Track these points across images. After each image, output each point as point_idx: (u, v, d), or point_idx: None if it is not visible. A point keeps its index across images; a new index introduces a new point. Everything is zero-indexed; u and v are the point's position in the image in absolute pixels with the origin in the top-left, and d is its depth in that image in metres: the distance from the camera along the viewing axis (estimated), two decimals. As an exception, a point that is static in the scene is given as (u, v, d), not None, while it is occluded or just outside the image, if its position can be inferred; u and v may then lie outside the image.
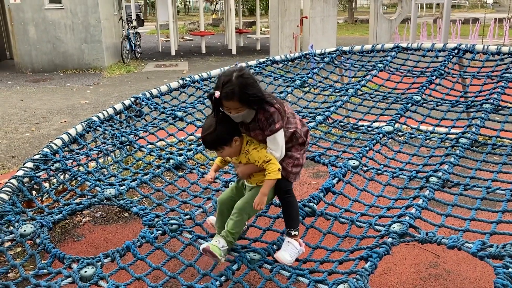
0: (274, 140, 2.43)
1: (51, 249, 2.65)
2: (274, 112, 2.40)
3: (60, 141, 3.92)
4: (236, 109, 2.33)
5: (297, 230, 2.59)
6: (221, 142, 2.40)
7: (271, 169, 2.40)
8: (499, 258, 2.29)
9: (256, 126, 2.44)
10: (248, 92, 2.30)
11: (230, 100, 2.29)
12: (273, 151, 2.44)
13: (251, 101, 2.32)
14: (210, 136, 2.39)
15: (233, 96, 2.28)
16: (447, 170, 3.30)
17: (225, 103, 2.31)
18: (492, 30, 16.60)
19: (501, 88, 4.37)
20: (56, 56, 13.00)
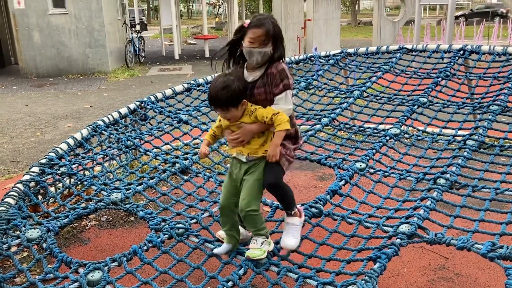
0: (286, 97, 2.43)
1: (57, 253, 2.64)
2: (285, 68, 2.44)
3: (66, 146, 3.92)
4: (262, 41, 2.35)
5: (295, 207, 2.61)
6: (231, 103, 2.35)
7: (281, 119, 2.36)
8: (509, 259, 2.26)
9: (263, 82, 2.43)
10: (278, 32, 2.37)
11: (260, 27, 2.34)
12: (284, 105, 2.42)
13: (277, 38, 2.37)
14: (222, 94, 2.32)
15: (264, 23, 2.34)
16: (455, 172, 3.28)
17: (254, 31, 2.35)
18: (497, 31, 16.56)
19: (508, 89, 4.34)
20: (60, 61, 13.05)
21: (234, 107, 2.36)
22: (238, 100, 2.36)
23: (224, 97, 2.33)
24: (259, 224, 2.48)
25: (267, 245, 2.52)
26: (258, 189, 2.46)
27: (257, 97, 2.44)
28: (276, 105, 2.43)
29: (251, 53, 2.39)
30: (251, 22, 2.37)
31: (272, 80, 2.41)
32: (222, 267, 2.59)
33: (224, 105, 2.35)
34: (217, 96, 2.34)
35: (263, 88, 2.43)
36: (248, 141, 2.45)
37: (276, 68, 2.40)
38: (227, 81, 2.34)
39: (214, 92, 2.35)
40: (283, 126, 2.37)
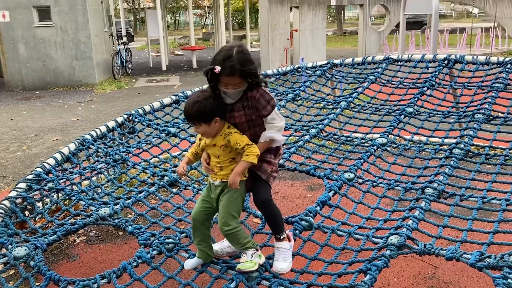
0: (277, 115, 2.48)
1: (45, 271, 2.61)
2: (266, 90, 2.47)
3: (53, 160, 3.89)
4: (235, 84, 2.35)
5: (283, 232, 2.62)
6: (201, 118, 2.35)
7: (252, 151, 2.39)
8: (497, 268, 2.29)
9: (242, 105, 2.44)
10: (249, 67, 2.33)
11: (231, 75, 2.31)
12: (279, 123, 2.47)
13: (251, 76, 2.35)
14: (192, 108, 2.35)
15: (234, 71, 2.29)
16: (442, 181, 3.31)
17: (225, 78, 2.32)
18: (479, 40, 16.85)
19: (492, 98, 4.41)
20: (46, 73, 12.96)
21: (205, 123, 2.37)
22: (209, 116, 2.35)
23: (195, 112, 2.35)
24: (243, 239, 2.49)
25: (257, 257, 2.52)
26: (235, 206, 2.47)
27: (237, 119, 2.45)
28: (272, 124, 2.46)
29: (226, 94, 2.41)
30: (222, 70, 2.30)
31: (254, 104, 2.42)
32: (213, 282, 2.58)
33: (195, 119, 2.37)
34: (188, 110, 2.38)
35: (243, 111, 2.44)
36: (221, 167, 2.46)
37: (257, 91, 2.42)
38: (200, 97, 2.37)
39: (186, 106, 2.40)
40: (251, 158, 2.39)
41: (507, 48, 17.08)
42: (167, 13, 38.58)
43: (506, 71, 4.71)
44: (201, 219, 2.56)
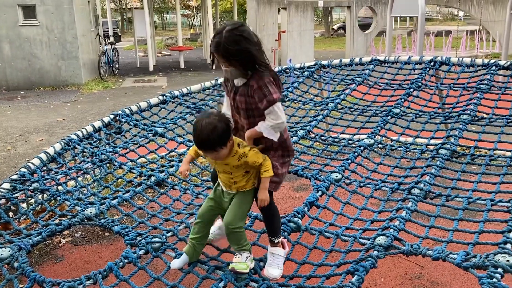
0: (274, 111, 2.32)
1: (30, 273, 2.56)
2: (270, 82, 2.31)
3: (38, 161, 3.84)
4: (223, 63, 2.30)
5: (279, 237, 2.62)
6: (221, 142, 2.25)
7: (268, 166, 2.40)
8: (483, 268, 2.31)
9: (244, 91, 2.35)
10: (230, 48, 2.22)
11: (216, 52, 2.27)
12: (273, 120, 2.34)
13: (232, 58, 2.25)
14: (212, 134, 2.21)
15: (217, 49, 2.25)
16: (429, 181, 3.34)
17: (215, 54, 2.29)
18: (465, 42, 17.07)
19: (477, 99, 4.46)
20: (32, 73, 12.80)
21: (224, 145, 2.28)
22: (227, 137, 2.28)
23: (215, 138, 2.23)
24: (243, 241, 2.49)
25: (250, 261, 2.53)
26: (245, 208, 2.48)
27: (239, 104, 2.40)
28: (268, 119, 2.36)
29: (225, 72, 2.38)
30: (210, 46, 2.30)
31: (252, 94, 2.33)
32: (200, 282, 2.56)
33: (214, 147, 2.25)
34: (208, 138, 2.23)
35: (244, 97, 2.37)
36: (234, 182, 2.44)
37: (257, 82, 2.30)
38: (212, 122, 2.23)
39: (203, 136, 2.24)
40: (270, 173, 2.41)
41: (492, 51, 17.32)
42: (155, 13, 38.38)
43: (491, 73, 4.77)
44: (208, 219, 2.56)
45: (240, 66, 2.29)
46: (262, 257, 2.68)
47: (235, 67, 2.30)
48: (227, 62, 2.28)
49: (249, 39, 2.25)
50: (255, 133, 2.43)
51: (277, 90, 2.34)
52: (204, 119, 2.26)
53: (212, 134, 2.22)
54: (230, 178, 2.44)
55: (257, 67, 2.31)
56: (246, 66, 2.30)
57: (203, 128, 2.23)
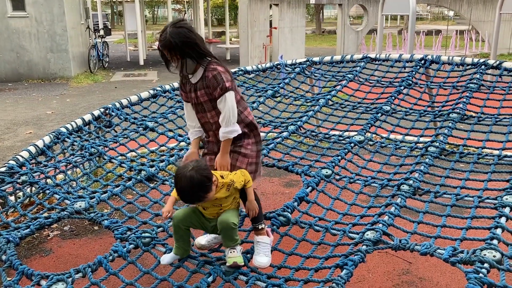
0: (225, 99, 2.48)
1: (18, 265, 2.55)
2: (223, 71, 2.50)
3: (27, 153, 3.80)
4: (172, 58, 2.45)
5: (262, 223, 2.66)
6: (207, 191, 2.29)
7: (249, 177, 2.48)
8: (469, 263, 2.34)
9: (202, 85, 2.51)
10: (177, 41, 2.39)
11: (166, 49, 2.42)
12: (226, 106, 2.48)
13: (181, 50, 2.41)
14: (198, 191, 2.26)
15: (166, 45, 2.41)
16: (418, 178, 3.37)
17: (166, 53, 2.44)
18: (454, 42, 17.19)
19: (466, 98, 4.51)
20: (20, 65, 12.65)
21: (209, 192, 2.31)
22: (210, 185, 2.30)
23: (199, 193, 2.28)
24: (236, 236, 2.51)
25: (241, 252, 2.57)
26: (237, 215, 2.51)
27: (201, 98, 2.55)
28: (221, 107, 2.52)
29: (177, 67, 2.52)
30: (159, 43, 2.45)
31: (208, 84, 2.50)
32: (189, 276, 2.57)
33: (200, 199, 2.31)
34: (193, 195, 2.28)
35: (204, 90, 2.54)
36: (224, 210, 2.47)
37: (211, 72, 2.49)
38: (192, 176, 2.23)
39: (187, 193, 2.28)
40: (251, 182, 2.50)
41: (481, 51, 17.47)
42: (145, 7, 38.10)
43: (480, 72, 4.82)
44: (185, 226, 2.54)
45: (190, 57, 2.46)
46: (248, 249, 2.69)
47: (186, 59, 2.46)
48: (178, 55, 2.44)
49: (191, 30, 2.46)
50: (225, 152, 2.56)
51: (230, 79, 2.51)
52: (183, 176, 2.25)
53: (194, 188, 2.26)
54: (219, 209, 2.47)
55: (205, 56, 2.50)
56: (195, 55, 2.47)
57: (185, 185, 2.25)
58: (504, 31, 15.47)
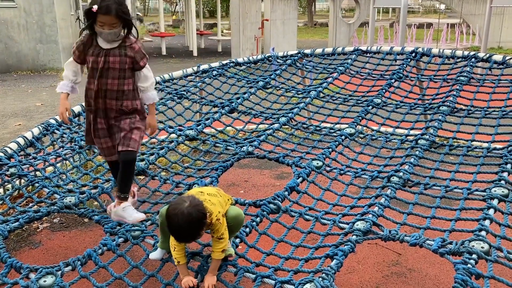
0: (148, 73, 2.82)
1: (6, 258, 2.53)
2: (141, 46, 2.77)
3: (16, 145, 3.76)
4: (111, 24, 2.57)
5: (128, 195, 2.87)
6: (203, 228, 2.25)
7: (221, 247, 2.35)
8: (458, 254, 2.37)
9: (119, 52, 2.67)
10: (124, 9, 2.57)
11: (108, 14, 2.53)
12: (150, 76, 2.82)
13: (125, 17, 2.59)
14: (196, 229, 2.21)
15: (111, 10, 2.52)
16: (408, 170, 3.39)
17: (102, 17, 2.54)
18: (445, 35, 17.25)
19: (456, 91, 4.53)
20: (9, 56, 12.50)
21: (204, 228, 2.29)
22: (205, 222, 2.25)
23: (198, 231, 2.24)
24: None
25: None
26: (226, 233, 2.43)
27: (111, 64, 2.67)
28: (146, 77, 2.82)
29: (102, 34, 2.62)
30: (99, 9, 2.52)
31: (133, 54, 2.70)
32: (178, 273, 2.54)
33: (199, 235, 2.28)
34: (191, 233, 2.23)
35: (119, 57, 2.68)
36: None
37: (137, 44, 2.72)
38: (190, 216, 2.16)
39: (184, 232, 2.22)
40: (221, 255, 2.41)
41: (471, 44, 17.55)
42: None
43: (470, 65, 4.84)
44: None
45: (128, 26, 2.66)
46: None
47: (120, 28, 2.63)
48: (118, 22, 2.59)
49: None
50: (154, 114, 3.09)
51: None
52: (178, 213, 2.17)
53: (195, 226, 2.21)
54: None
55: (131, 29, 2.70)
56: (129, 27, 2.66)
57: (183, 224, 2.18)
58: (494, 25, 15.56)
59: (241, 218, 2.53)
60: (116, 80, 2.71)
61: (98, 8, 2.52)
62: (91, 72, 2.75)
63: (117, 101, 2.76)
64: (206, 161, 3.99)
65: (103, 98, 2.75)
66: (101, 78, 2.71)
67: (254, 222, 2.87)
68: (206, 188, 2.58)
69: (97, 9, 2.51)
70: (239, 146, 4.01)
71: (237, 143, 4.12)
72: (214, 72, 5.41)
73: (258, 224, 2.89)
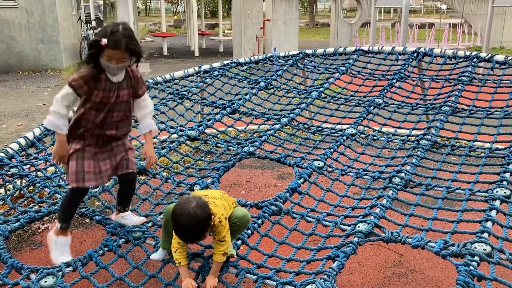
0: (147, 100, 2.76)
1: (7, 259, 2.53)
2: (142, 73, 2.73)
3: (17, 145, 3.76)
4: (120, 58, 2.44)
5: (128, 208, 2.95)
6: (208, 229, 2.27)
7: (222, 250, 2.37)
8: (460, 256, 2.36)
9: (127, 84, 2.60)
10: (134, 42, 2.46)
11: (117, 48, 2.40)
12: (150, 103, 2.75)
13: (135, 51, 2.48)
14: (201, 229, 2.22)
15: (120, 44, 2.39)
16: (409, 171, 3.37)
17: (111, 51, 2.40)
18: (447, 35, 17.22)
19: (458, 91, 4.51)
20: (10, 56, 12.51)
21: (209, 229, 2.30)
22: (211, 221, 2.27)
23: (203, 232, 2.25)
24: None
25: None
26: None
27: (121, 98, 2.59)
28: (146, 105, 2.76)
29: (109, 68, 2.48)
30: (108, 43, 2.37)
31: (135, 83, 2.65)
32: (179, 274, 2.54)
33: (204, 236, 2.29)
34: (196, 234, 2.25)
35: (127, 90, 2.62)
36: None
37: (137, 72, 2.66)
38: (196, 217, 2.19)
39: (190, 232, 2.23)
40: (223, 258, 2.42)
41: (473, 44, 17.52)
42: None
43: (472, 65, 4.82)
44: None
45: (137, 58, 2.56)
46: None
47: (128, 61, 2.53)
48: (126, 57, 2.46)
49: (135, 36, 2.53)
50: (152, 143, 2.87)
51: None
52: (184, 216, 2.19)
53: (201, 226, 2.22)
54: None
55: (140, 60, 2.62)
56: (137, 58, 2.57)
57: (189, 225, 2.20)
58: (496, 25, 15.53)
59: (246, 218, 2.53)
60: (121, 112, 2.63)
61: (108, 42, 2.37)
62: (96, 105, 2.55)
63: (117, 130, 2.68)
64: (208, 161, 3.98)
65: (103, 129, 2.62)
66: (110, 111, 2.59)
67: (255, 224, 2.87)
68: (211, 191, 2.58)
69: (106, 43, 2.36)
70: (240, 147, 4.01)
71: (238, 144, 4.12)
72: (215, 72, 5.40)
73: (259, 225, 2.89)
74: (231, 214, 2.46)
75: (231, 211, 2.47)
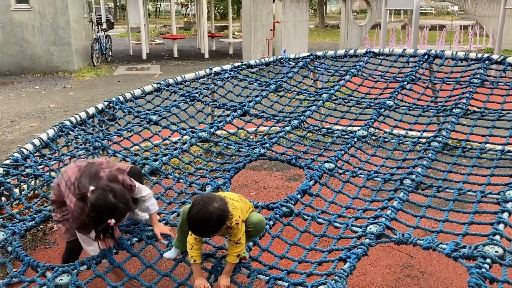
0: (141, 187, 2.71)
1: (24, 257, 2.58)
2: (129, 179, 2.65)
3: (31, 146, 3.82)
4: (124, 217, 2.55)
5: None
6: (223, 223, 2.29)
7: (237, 252, 2.40)
8: (472, 258, 2.35)
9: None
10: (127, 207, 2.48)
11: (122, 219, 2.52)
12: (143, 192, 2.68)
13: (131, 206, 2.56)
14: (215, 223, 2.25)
15: (124, 215, 2.48)
16: (420, 173, 3.38)
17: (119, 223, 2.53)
18: (458, 37, 17.13)
19: (470, 93, 4.50)
20: (23, 58, 12.67)
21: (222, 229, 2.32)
22: (226, 221, 2.29)
23: (219, 227, 2.28)
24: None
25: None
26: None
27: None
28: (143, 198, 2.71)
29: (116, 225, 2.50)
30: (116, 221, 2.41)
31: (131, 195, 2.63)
32: (191, 273, 2.57)
33: (218, 231, 2.31)
34: (212, 228, 2.27)
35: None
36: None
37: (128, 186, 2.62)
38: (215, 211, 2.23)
39: (208, 226, 2.26)
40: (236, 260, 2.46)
41: (485, 46, 17.40)
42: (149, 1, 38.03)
43: (483, 67, 4.80)
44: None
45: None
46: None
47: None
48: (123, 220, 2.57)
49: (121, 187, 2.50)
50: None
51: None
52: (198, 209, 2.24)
53: (216, 221, 2.25)
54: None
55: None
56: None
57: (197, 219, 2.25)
58: (508, 26, 15.41)
59: (262, 224, 2.55)
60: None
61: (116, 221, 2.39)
62: None
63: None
64: (219, 163, 4.01)
65: None
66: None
67: (267, 225, 2.88)
68: (229, 193, 2.60)
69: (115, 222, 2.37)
70: (251, 148, 4.03)
71: (249, 145, 4.15)
72: (226, 75, 5.43)
73: (271, 227, 2.90)
74: (247, 218, 2.48)
75: (248, 215, 2.49)
